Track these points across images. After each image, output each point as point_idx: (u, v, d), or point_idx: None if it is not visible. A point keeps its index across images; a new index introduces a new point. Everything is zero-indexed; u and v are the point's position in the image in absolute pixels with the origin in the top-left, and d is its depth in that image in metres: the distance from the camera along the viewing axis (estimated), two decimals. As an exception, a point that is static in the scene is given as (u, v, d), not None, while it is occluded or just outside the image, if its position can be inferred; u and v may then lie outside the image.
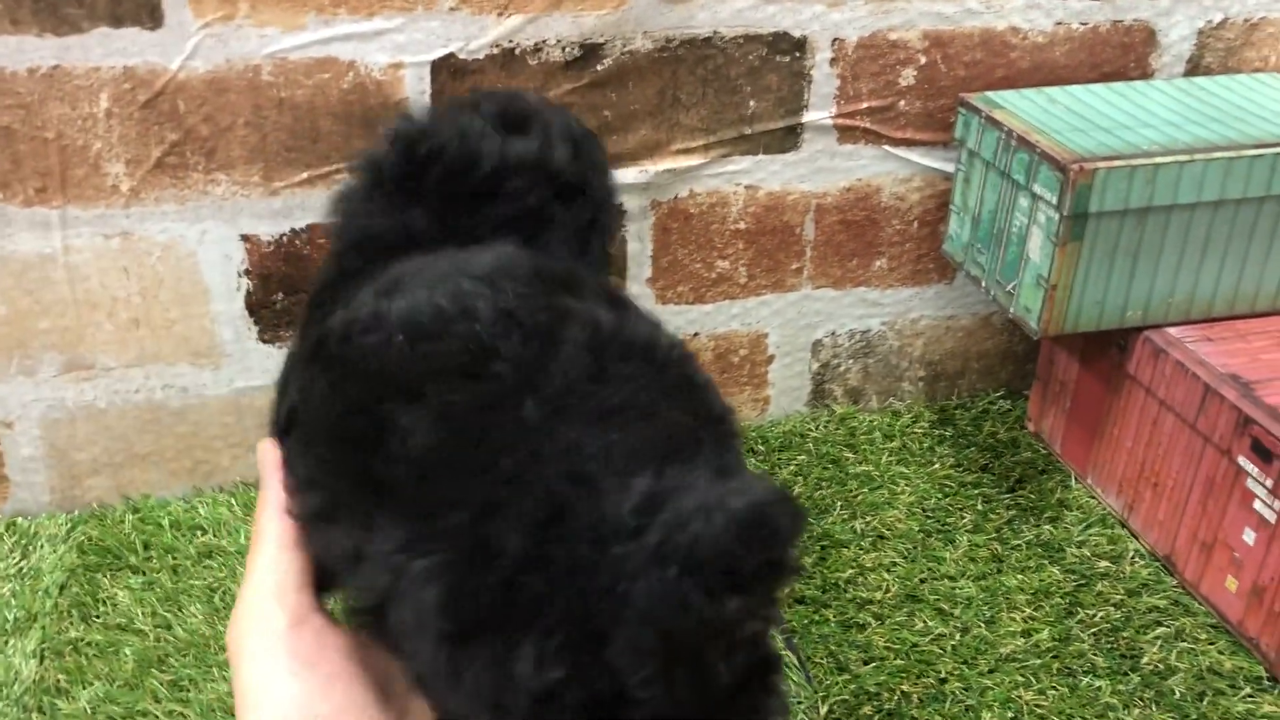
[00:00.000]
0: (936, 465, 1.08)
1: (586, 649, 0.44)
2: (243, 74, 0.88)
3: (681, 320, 1.08)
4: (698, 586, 0.43)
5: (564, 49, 0.93)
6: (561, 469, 0.46)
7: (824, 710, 0.83)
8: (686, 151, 1.00)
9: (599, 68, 0.95)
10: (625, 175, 0.99)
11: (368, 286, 0.56)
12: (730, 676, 0.46)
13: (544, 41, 0.92)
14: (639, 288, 1.05)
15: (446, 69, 0.92)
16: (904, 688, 0.85)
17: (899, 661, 0.87)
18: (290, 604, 0.51)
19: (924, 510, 1.03)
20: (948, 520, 1.02)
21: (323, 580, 0.53)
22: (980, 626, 0.91)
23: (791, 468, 1.08)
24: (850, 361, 1.14)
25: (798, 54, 0.98)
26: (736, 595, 0.43)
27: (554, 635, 0.44)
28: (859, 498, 1.04)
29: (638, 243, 1.03)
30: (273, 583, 0.52)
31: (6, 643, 0.86)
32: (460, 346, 0.50)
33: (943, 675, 0.86)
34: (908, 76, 1.01)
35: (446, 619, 0.46)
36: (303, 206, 0.94)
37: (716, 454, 0.48)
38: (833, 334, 1.12)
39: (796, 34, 0.97)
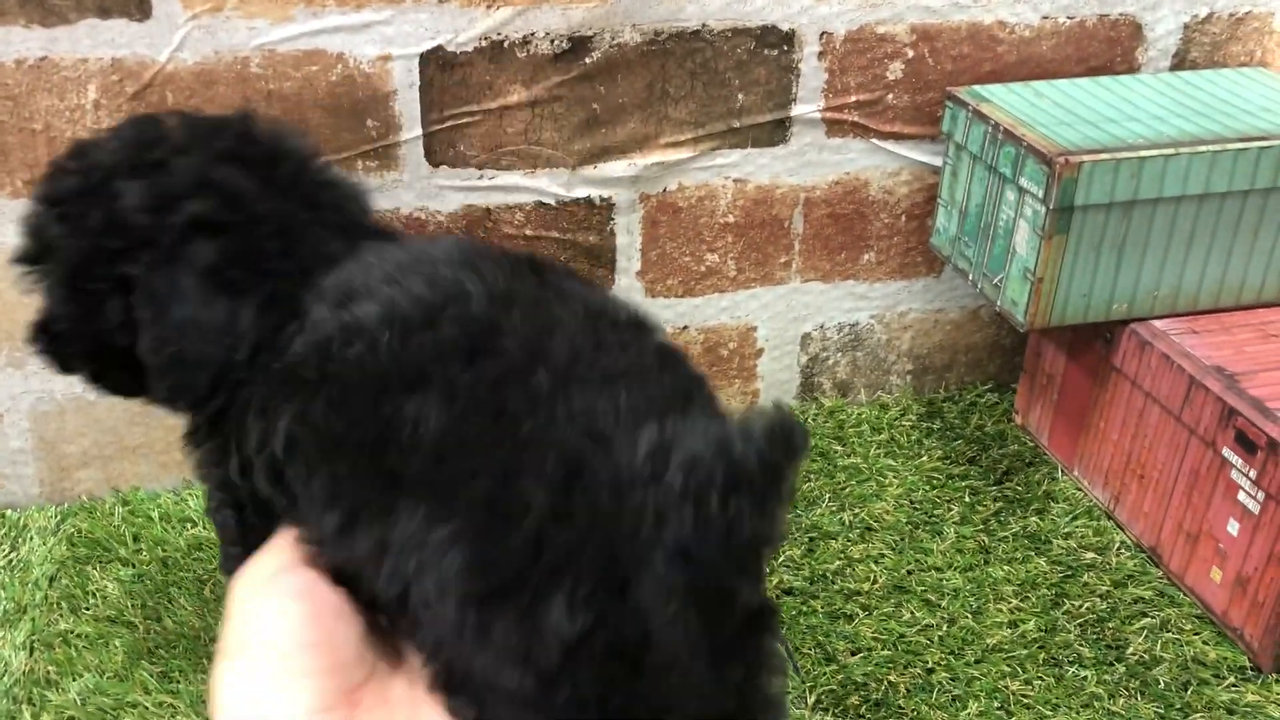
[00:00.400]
0: (924, 458, 1.09)
1: (613, 595, 0.46)
2: (231, 66, 0.88)
3: (670, 313, 1.08)
4: (746, 501, 0.45)
5: (552, 41, 0.93)
6: (578, 429, 0.48)
7: (811, 700, 0.84)
8: (675, 145, 1.00)
9: (587, 60, 0.95)
10: (614, 168, 1.00)
11: (317, 305, 0.56)
12: (741, 615, 0.49)
13: (532, 34, 0.93)
14: (628, 280, 1.05)
15: (435, 61, 0.92)
16: (891, 678, 0.86)
17: (886, 652, 0.88)
18: (289, 558, 0.53)
19: (912, 502, 1.03)
20: (935, 512, 1.02)
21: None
22: (967, 617, 0.91)
23: (780, 460, 1.08)
24: (839, 354, 1.14)
25: (786, 47, 0.98)
26: (781, 503, 0.46)
27: (582, 584, 0.46)
28: (847, 490, 1.05)
29: (626, 235, 1.03)
30: (277, 551, 0.54)
31: (-5, 635, 0.87)
32: (459, 330, 0.52)
33: (930, 665, 0.87)
34: (895, 70, 1.02)
35: (472, 580, 0.47)
36: (292, 199, 0.94)
37: (705, 408, 0.51)
38: (821, 327, 1.12)
39: (785, 27, 0.97)
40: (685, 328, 1.09)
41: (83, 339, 0.63)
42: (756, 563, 0.50)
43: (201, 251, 0.59)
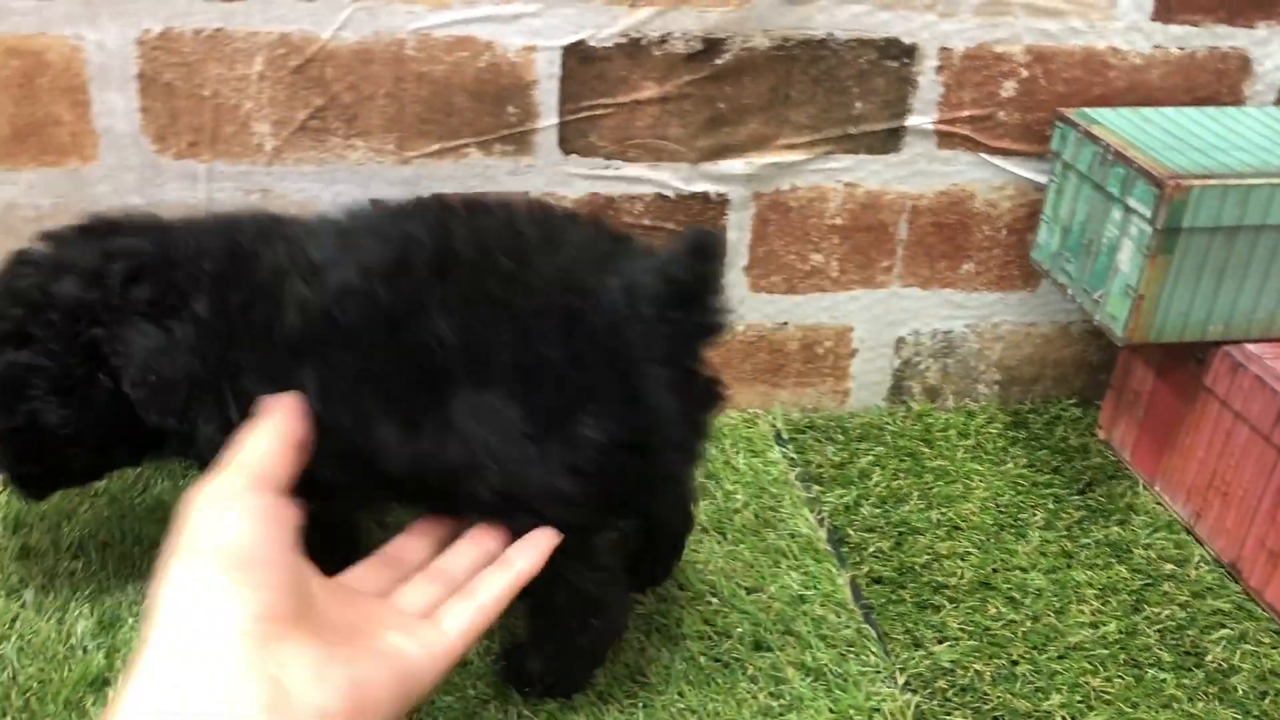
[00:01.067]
0: (1009, 464, 1.13)
1: (627, 403, 0.68)
2: (388, 47, 0.94)
3: (772, 309, 1.12)
4: (697, 305, 0.70)
5: (687, 42, 0.98)
6: (559, 289, 0.69)
7: (901, 681, 0.88)
8: (792, 147, 1.05)
9: (718, 62, 1.00)
10: (732, 166, 1.04)
11: (290, 282, 0.71)
12: (703, 387, 0.75)
13: (669, 34, 0.98)
14: (734, 275, 1.10)
15: (576, 55, 0.97)
16: (977, 666, 0.90)
17: (972, 642, 0.92)
18: (252, 477, 0.56)
19: (997, 505, 1.07)
20: (1020, 516, 1.06)
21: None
22: (1050, 616, 0.95)
23: (870, 457, 1.12)
24: (930, 360, 1.18)
25: (906, 60, 1.03)
26: (718, 295, 0.71)
27: (602, 403, 0.68)
28: (934, 490, 1.08)
29: (737, 231, 1.08)
30: (246, 463, 0.57)
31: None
32: (426, 262, 0.70)
33: (1014, 658, 0.91)
34: (1009, 88, 1.06)
35: (527, 423, 0.67)
36: (431, 176, 1.00)
37: (638, 252, 0.73)
38: (916, 333, 1.16)
39: (907, 41, 1.02)
40: (785, 324, 1.14)
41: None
42: (707, 347, 0.73)
43: (138, 293, 0.73)
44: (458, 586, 0.64)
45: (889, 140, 1.06)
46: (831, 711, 0.84)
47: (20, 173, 0.93)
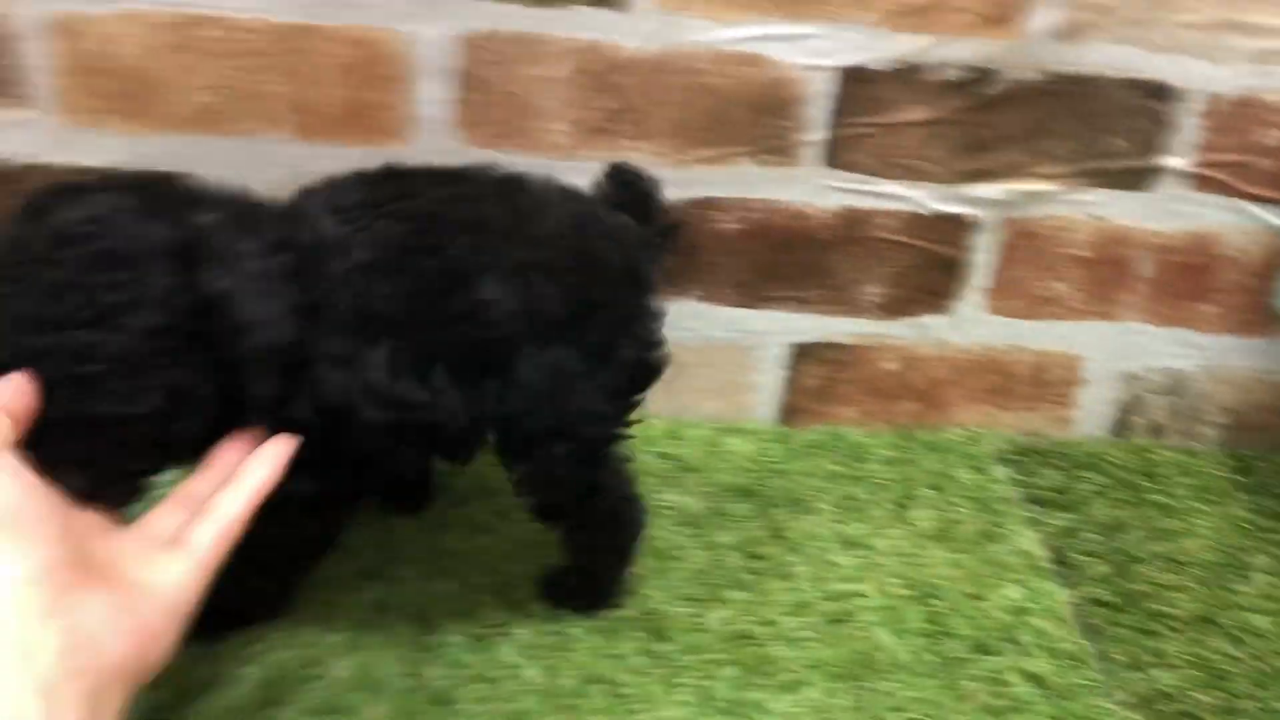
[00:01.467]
0: (1233, 507, 1.14)
1: (649, 330, 0.82)
2: (681, 59, 1.02)
3: (1007, 332, 1.16)
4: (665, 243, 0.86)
5: (959, 70, 1.03)
6: (577, 239, 0.80)
7: (1119, 698, 0.91)
8: (1046, 177, 1.09)
9: (987, 91, 1.04)
10: (987, 190, 1.09)
11: (333, 260, 0.71)
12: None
13: (944, 62, 1.03)
14: (974, 296, 1.14)
15: (853, 76, 1.03)
16: (1196, 695, 0.92)
17: (1193, 672, 0.94)
18: None
19: (1220, 545, 1.09)
20: (1243, 558, 1.07)
21: None
22: (1275, 658, 0.96)
23: (1091, 485, 1.15)
24: (1158, 397, 1.20)
25: (1172, 102, 1.05)
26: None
27: (632, 330, 0.81)
28: (1156, 523, 1.11)
29: (983, 254, 1.12)
30: None
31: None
32: (462, 232, 0.77)
33: (1236, 693, 0.92)
34: (1273, 137, 1.07)
35: (583, 363, 0.77)
36: (703, 181, 1.07)
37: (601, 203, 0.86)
38: (1147, 369, 1.18)
39: (1178, 84, 1.04)
40: (1017, 348, 1.17)
41: None
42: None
43: (245, 244, 0.67)
44: (203, 508, 0.63)
45: (1143, 178, 1.09)
46: (1052, 719, 0.88)
47: (350, 149, 1.04)
